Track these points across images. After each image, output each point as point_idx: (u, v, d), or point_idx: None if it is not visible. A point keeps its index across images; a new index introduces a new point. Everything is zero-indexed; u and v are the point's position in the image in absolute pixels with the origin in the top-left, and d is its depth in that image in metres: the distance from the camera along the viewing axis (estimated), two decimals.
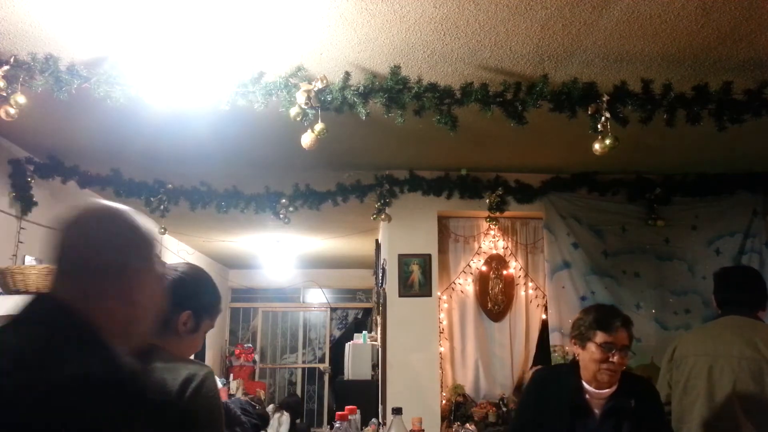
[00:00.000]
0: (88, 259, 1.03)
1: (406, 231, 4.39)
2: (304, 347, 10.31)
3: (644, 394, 2.21)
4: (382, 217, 4.29)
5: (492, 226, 4.53)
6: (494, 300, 4.61)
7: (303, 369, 10.20)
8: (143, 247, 1.09)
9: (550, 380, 2.34)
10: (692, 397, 2.55)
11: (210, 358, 8.73)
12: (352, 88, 2.65)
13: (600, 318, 2.17)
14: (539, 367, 4.17)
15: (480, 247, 4.66)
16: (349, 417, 2.11)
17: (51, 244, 1.04)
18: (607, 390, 2.16)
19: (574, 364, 2.26)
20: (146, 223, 1.11)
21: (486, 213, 4.39)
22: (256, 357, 10.20)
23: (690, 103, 2.68)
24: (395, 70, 2.63)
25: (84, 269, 1.02)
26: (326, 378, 9.85)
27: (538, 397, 2.28)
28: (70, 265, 1.03)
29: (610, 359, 2.10)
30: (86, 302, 0.99)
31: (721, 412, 2.46)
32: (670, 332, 4.18)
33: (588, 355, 2.16)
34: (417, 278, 4.34)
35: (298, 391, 9.97)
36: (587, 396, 2.18)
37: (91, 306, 0.99)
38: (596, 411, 2.17)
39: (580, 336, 2.20)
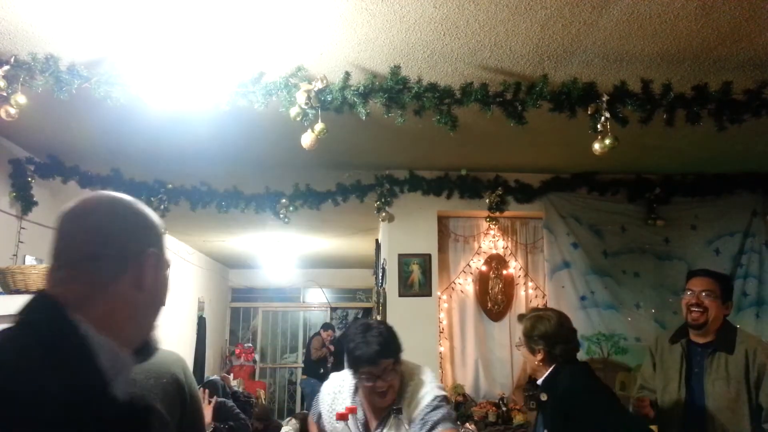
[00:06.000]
0: (86, 246, 0.96)
1: (406, 231, 4.39)
2: (304, 347, 10.33)
3: (559, 390, 2.25)
4: (383, 215, 4.28)
5: (492, 226, 4.54)
6: (494, 300, 4.62)
7: (303, 368, 10.20)
8: (145, 230, 1.03)
9: None
10: None
11: (210, 358, 8.73)
12: (352, 88, 2.64)
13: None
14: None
15: (480, 247, 4.66)
16: (349, 416, 2.11)
17: (51, 240, 0.98)
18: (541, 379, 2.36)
19: None
20: (147, 209, 1.06)
21: (486, 213, 4.39)
22: (257, 356, 10.21)
23: (690, 103, 2.68)
24: (395, 70, 2.63)
25: (84, 258, 0.95)
26: None
27: None
28: (68, 257, 0.95)
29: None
30: (86, 296, 0.92)
31: None
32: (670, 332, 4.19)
33: None
34: (417, 278, 4.34)
35: (299, 391, 9.97)
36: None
37: (91, 300, 0.92)
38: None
39: None
